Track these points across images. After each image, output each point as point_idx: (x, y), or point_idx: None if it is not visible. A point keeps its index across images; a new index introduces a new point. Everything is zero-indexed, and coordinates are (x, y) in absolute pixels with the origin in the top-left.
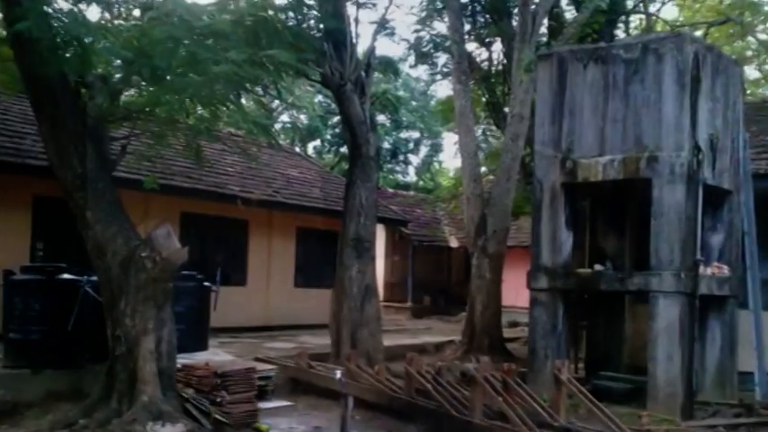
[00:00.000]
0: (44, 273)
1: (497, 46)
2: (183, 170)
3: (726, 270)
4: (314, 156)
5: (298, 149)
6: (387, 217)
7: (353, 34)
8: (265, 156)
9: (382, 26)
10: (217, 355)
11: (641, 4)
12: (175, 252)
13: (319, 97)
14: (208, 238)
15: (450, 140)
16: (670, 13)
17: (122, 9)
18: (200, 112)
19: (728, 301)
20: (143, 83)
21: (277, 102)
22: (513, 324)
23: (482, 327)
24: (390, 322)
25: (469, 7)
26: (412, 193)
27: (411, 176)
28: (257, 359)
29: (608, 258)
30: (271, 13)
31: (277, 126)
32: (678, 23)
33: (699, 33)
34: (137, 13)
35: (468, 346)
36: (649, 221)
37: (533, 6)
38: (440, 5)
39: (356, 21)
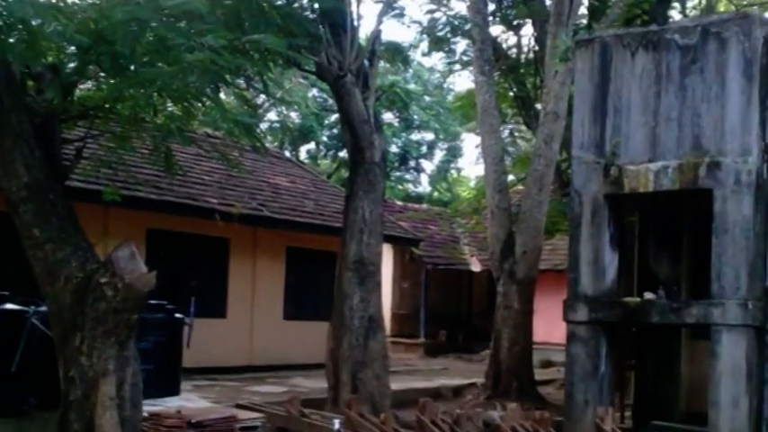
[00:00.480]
0: None
1: (528, 29)
2: (150, 179)
3: None
4: (307, 161)
5: (288, 154)
6: (395, 235)
7: (355, 16)
8: (249, 162)
9: (389, 6)
10: (190, 401)
11: None
12: (141, 277)
13: (314, 91)
14: (180, 260)
15: (470, 143)
16: None
17: None
18: (170, 108)
19: None
20: (102, 74)
21: (263, 97)
22: (547, 364)
23: (509, 367)
24: (399, 362)
25: None
26: (425, 206)
27: (424, 186)
28: (239, 406)
29: (660, 285)
30: None
31: (263, 126)
32: (745, 2)
33: None
34: None
35: (492, 391)
36: (710, 240)
37: None
38: None
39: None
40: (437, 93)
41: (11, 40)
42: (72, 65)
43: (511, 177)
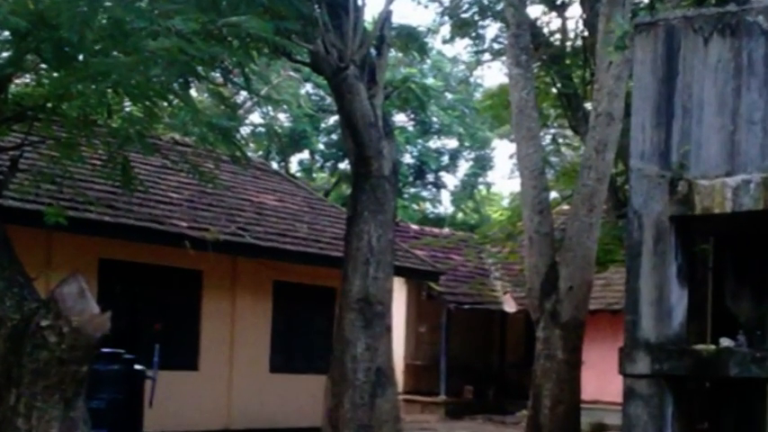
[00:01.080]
0: None
1: (575, 10)
2: (104, 197)
3: None
4: (300, 175)
5: (276, 166)
6: (409, 267)
7: None
8: (227, 175)
9: None
10: None
11: None
12: (92, 319)
13: (307, 88)
14: (141, 297)
15: (503, 152)
16: None
17: None
18: (128, 109)
19: None
20: (43, 66)
21: (245, 94)
22: (599, 428)
23: (552, 431)
24: (415, 425)
25: None
26: (447, 231)
27: (445, 206)
28: None
29: (741, 329)
30: None
31: (244, 131)
32: None
33: None
34: None
35: None
36: None
37: None
38: None
39: None
40: (462, 89)
41: None
42: (5, 54)
43: (554, 195)
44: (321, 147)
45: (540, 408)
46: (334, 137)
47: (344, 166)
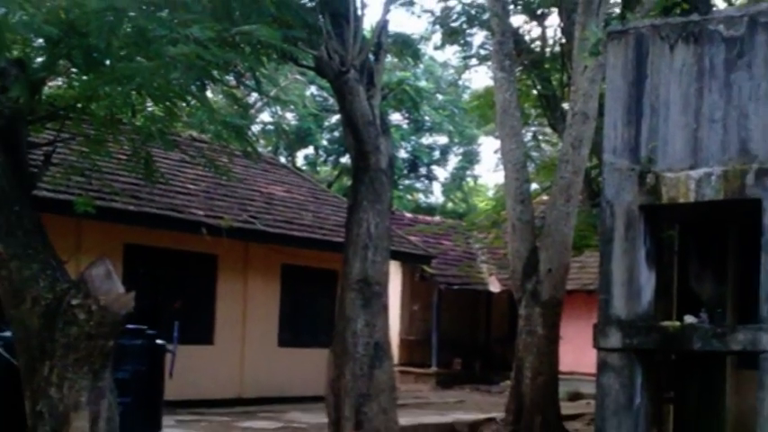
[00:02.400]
0: None
1: (553, 20)
2: (128, 188)
3: None
4: (305, 168)
5: (283, 160)
6: (404, 251)
7: (359, 4)
8: (239, 169)
9: None
10: None
11: None
12: (118, 299)
13: (312, 89)
14: (162, 279)
15: (489, 148)
16: None
17: None
18: (150, 109)
19: None
20: (74, 70)
21: (255, 96)
22: (575, 396)
23: (532, 399)
24: (408, 393)
25: None
26: (438, 219)
27: (437, 196)
28: None
29: (703, 307)
30: None
31: (255, 128)
32: None
33: None
34: None
35: (513, 426)
36: (759, 257)
37: None
38: None
39: None
40: (451, 91)
41: None
42: (40, 59)
43: (534, 186)
44: (324, 143)
45: (522, 378)
46: (336, 134)
47: (345, 160)
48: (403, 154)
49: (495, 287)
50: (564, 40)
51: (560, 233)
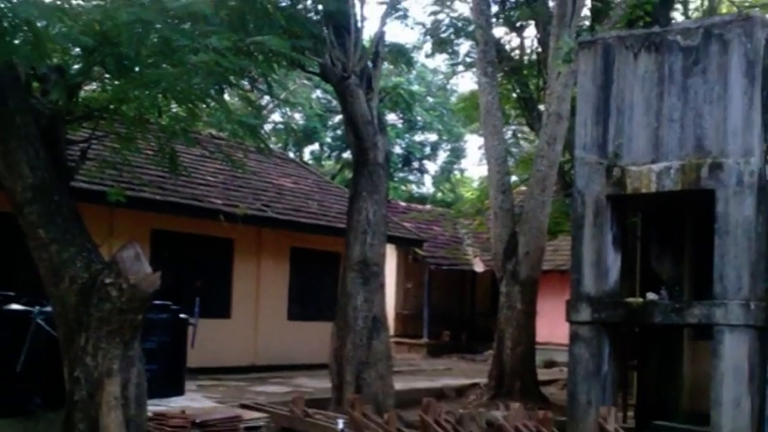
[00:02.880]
0: None
1: (530, 31)
2: (155, 180)
3: None
4: (311, 163)
5: (292, 155)
6: (398, 236)
7: (358, 17)
8: (253, 163)
9: (393, 8)
10: (195, 401)
11: None
12: (146, 278)
13: (317, 93)
14: (184, 261)
15: (474, 144)
16: None
17: None
18: (174, 110)
19: None
20: (107, 75)
21: (267, 98)
22: (550, 364)
23: (512, 367)
24: (403, 362)
25: None
26: (428, 207)
27: (427, 187)
28: (243, 406)
29: (663, 285)
30: None
31: (267, 127)
32: (747, 4)
33: None
34: None
35: (495, 391)
36: (712, 241)
37: None
38: None
39: (362, 1)
40: (440, 94)
41: (16, 42)
42: (77, 66)
43: (514, 178)
44: (328, 140)
45: (503, 348)
46: (338, 132)
47: (347, 155)
48: (398, 150)
49: (479, 267)
50: (540, 50)
51: (537, 220)
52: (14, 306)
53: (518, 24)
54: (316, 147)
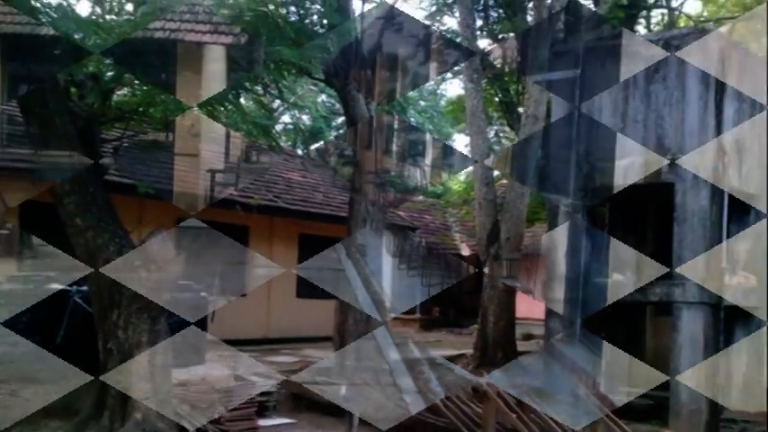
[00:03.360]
0: (31, 282)
1: (511, 42)
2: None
3: (753, 279)
4: (317, 158)
5: (300, 152)
6: (394, 223)
7: (359, 30)
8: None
9: (389, 22)
10: (214, 370)
11: None
12: (171, 261)
13: (323, 97)
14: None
15: (461, 142)
16: (693, 7)
17: (114, 3)
18: (196, 112)
19: (756, 312)
20: (136, 81)
21: (278, 102)
22: (528, 337)
23: (495, 340)
24: (397, 335)
25: (481, 1)
26: (420, 198)
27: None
28: (257, 374)
29: (628, 268)
30: (271, 7)
31: (278, 127)
32: (702, 19)
33: (724, 29)
34: (129, 7)
35: (480, 360)
36: (672, 228)
37: (549, 0)
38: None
39: (362, 16)
40: (431, 98)
41: (56, 52)
42: (110, 73)
43: (496, 173)
44: (332, 139)
45: (487, 323)
46: (341, 132)
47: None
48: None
49: (465, 251)
50: (519, 59)
51: (517, 209)
52: (55, 285)
53: (500, 36)
54: (321, 144)
